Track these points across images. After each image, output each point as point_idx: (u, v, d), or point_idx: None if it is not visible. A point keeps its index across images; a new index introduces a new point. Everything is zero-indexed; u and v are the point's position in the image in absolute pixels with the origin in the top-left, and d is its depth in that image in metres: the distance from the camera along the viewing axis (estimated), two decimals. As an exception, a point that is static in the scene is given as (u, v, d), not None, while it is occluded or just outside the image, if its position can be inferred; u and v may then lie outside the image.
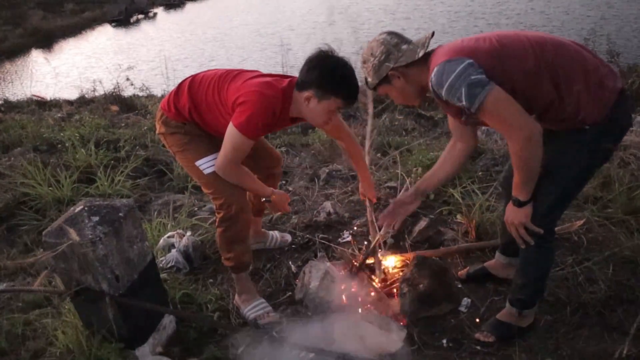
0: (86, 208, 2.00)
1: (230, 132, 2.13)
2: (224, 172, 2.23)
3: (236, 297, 2.53)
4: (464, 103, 1.73)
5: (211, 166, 2.28)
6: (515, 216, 1.94)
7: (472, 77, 1.70)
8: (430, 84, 1.82)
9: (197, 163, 2.31)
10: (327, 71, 2.08)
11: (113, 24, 21.20)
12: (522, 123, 1.71)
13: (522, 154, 1.76)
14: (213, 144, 2.32)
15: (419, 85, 1.96)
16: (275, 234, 3.06)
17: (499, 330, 2.18)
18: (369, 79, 2.01)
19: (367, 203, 2.73)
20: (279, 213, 3.10)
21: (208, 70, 2.40)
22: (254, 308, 2.44)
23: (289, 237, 3.08)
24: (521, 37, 1.83)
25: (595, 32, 7.90)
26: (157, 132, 2.49)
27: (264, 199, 2.51)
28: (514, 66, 1.77)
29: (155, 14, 24.23)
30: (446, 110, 2.00)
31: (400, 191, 2.82)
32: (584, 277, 2.46)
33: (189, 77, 2.41)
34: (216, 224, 2.41)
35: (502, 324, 2.20)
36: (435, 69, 1.78)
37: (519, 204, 1.90)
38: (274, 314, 2.44)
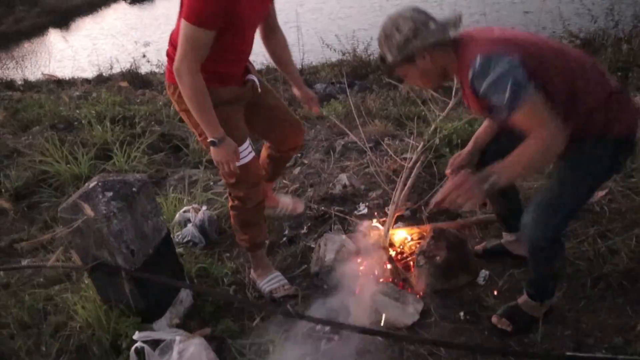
0: (100, 184, 2.00)
1: (182, 27, 1.91)
2: (178, 72, 1.94)
3: (252, 271, 2.53)
4: (503, 102, 1.64)
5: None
6: (471, 186, 1.67)
7: (519, 78, 1.62)
8: (469, 72, 1.70)
9: None
10: None
11: (128, 0, 21.16)
12: (551, 127, 1.63)
13: (537, 154, 1.66)
14: (238, 127, 2.21)
15: (442, 69, 1.85)
16: (287, 201, 2.98)
17: (518, 321, 2.08)
18: (390, 57, 1.83)
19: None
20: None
21: None
22: (270, 281, 2.44)
23: (301, 206, 3.01)
24: (548, 42, 1.82)
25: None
26: (178, 110, 2.31)
27: (209, 140, 2.09)
28: (551, 69, 1.72)
29: (170, -10, 24.11)
30: (472, 101, 1.85)
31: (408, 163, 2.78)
32: (605, 248, 2.40)
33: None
34: (230, 207, 2.39)
35: (521, 313, 2.10)
36: (480, 58, 1.67)
37: (491, 184, 1.67)
38: (289, 286, 2.44)
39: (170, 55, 2.12)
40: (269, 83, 2.64)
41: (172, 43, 2.12)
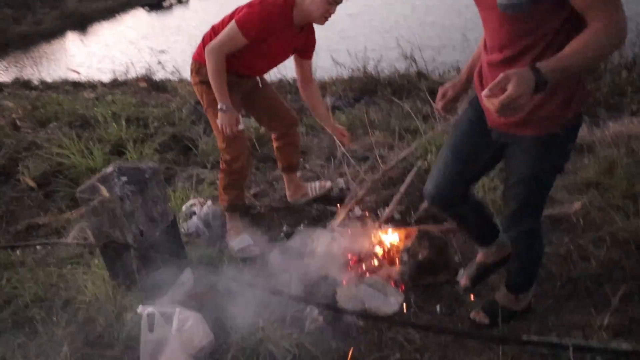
0: (116, 169, 2.22)
1: (230, 24, 2.52)
2: (210, 51, 2.54)
3: (227, 234, 2.99)
4: None
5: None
6: (524, 86, 1.32)
7: None
8: None
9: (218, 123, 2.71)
10: None
11: (147, 8, 21.60)
12: (622, 13, 1.40)
13: (605, 44, 1.40)
14: (236, 104, 2.68)
15: None
16: (314, 184, 3.40)
17: (496, 315, 2.19)
18: None
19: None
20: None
21: None
22: (240, 241, 2.89)
23: (328, 183, 3.42)
24: None
25: None
26: (192, 83, 2.85)
27: (218, 106, 2.65)
28: None
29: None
30: None
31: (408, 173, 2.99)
32: (577, 255, 2.60)
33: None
34: (220, 170, 2.91)
35: (498, 306, 2.22)
36: None
37: (543, 83, 1.35)
38: (255, 248, 2.85)
39: (206, 40, 2.73)
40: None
41: (215, 32, 2.69)
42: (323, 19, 2.58)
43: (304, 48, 2.84)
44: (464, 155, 1.97)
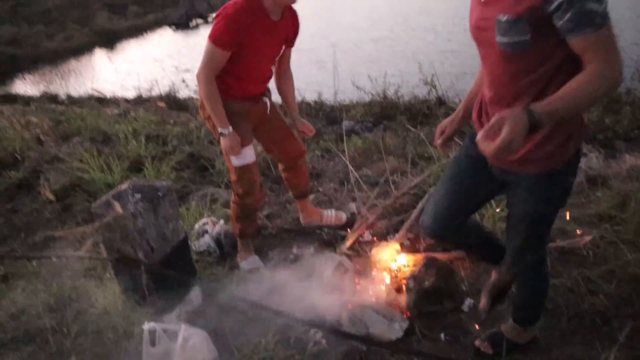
0: (131, 186, 2.29)
1: (205, 46, 2.48)
2: (198, 78, 2.52)
3: (238, 255, 3.05)
4: (597, 11, 1.37)
5: (235, 161, 2.72)
6: (518, 129, 1.31)
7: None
8: None
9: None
10: None
11: (173, 27, 22.06)
12: (618, 66, 1.41)
13: (599, 88, 1.40)
14: (243, 136, 2.68)
15: None
16: (330, 214, 3.37)
17: (500, 345, 2.17)
18: None
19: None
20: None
21: None
22: (249, 262, 2.99)
23: (344, 217, 3.38)
24: None
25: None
26: (203, 119, 2.83)
27: (219, 131, 2.64)
28: None
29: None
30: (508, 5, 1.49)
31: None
32: (586, 288, 2.58)
33: None
34: (231, 202, 2.95)
35: (503, 338, 2.22)
36: None
37: (535, 123, 1.34)
38: (263, 269, 2.93)
39: None
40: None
41: None
42: None
43: (294, 36, 2.75)
44: (462, 190, 1.97)
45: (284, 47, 2.73)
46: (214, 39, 2.43)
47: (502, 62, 1.60)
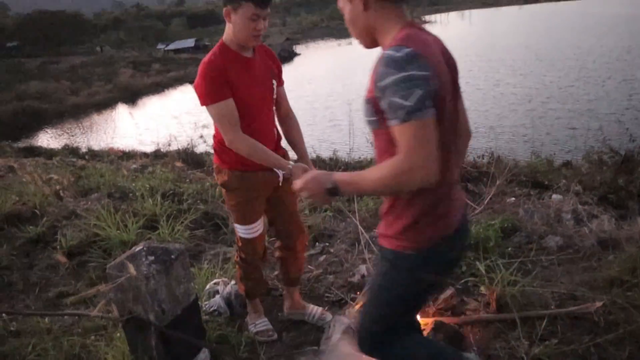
0: (145, 248, 2.36)
1: (208, 112, 2.44)
2: (230, 141, 2.43)
3: (248, 316, 3.06)
4: (403, 104, 1.44)
5: (242, 232, 2.78)
6: (318, 189, 1.64)
7: (429, 90, 1.47)
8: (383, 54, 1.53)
9: (235, 226, 2.82)
10: None
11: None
12: (428, 164, 1.45)
13: (388, 175, 1.49)
14: (254, 210, 2.74)
15: (371, 27, 1.68)
16: (315, 309, 3.11)
17: None
18: None
19: None
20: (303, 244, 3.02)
21: None
22: (258, 325, 2.98)
23: (328, 316, 3.05)
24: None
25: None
26: (218, 182, 2.78)
27: (284, 172, 2.56)
28: (446, 113, 1.59)
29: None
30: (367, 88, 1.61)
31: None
32: (597, 355, 2.55)
33: None
34: (236, 264, 2.99)
35: None
36: (403, 49, 1.48)
37: (333, 192, 1.61)
38: (272, 333, 2.94)
39: (215, 149, 2.71)
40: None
41: (216, 137, 2.66)
42: (252, 38, 2.40)
43: (279, 72, 2.68)
44: None
45: (275, 84, 2.64)
46: (205, 100, 2.40)
47: (374, 138, 1.70)
